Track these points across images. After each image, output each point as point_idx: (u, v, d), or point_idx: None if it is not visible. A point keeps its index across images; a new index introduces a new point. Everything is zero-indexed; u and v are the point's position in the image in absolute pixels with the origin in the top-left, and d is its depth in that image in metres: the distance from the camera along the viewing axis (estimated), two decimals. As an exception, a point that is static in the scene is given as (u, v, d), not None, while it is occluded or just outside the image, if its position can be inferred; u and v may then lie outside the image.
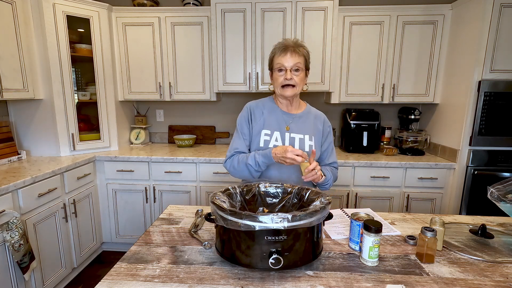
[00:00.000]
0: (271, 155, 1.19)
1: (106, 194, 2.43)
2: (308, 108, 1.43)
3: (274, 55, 1.28)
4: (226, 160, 1.35)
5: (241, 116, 1.38)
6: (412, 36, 2.38)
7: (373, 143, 2.55)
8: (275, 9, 2.33)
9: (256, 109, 1.36)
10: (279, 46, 1.27)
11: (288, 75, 1.23)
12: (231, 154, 1.34)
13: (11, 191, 1.63)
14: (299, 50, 1.24)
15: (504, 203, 1.01)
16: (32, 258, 1.69)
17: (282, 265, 0.78)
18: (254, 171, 1.26)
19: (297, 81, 1.24)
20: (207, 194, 2.40)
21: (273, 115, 1.35)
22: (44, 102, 2.24)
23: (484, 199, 2.14)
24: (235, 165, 1.30)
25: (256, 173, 1.28)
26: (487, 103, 2.05)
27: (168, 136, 3.03)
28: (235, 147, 1.34)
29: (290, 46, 1.24)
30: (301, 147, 1.31)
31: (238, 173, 1.31)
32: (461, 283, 0.82)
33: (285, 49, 1.23)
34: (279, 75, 1.26)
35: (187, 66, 2.55)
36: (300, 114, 1.37)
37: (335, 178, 1.38)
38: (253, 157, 1.24)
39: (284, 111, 1.36)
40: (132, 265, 0.89)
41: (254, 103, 1.40)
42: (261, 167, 1.24)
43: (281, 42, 1.28)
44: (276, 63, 1.25)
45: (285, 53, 1.23)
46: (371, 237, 0.87)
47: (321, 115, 1.44)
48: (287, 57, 1.23)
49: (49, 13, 2.13)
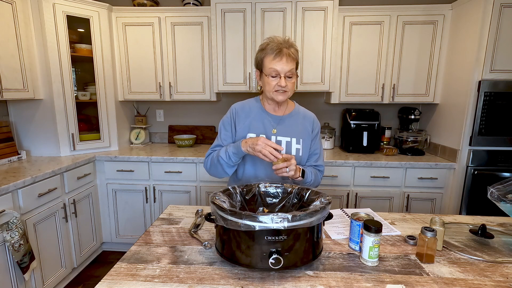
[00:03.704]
0: (241, 144, 1.13)
1: (106, 194, 2.43)
2: (296, 108, 1.36)
3: (265, 56, 1.18)
4: (205, 160, 1.31)
5: (224, 119, 1.32)
6: (412, 36, 2.38)
7: (373, 143, 2.55)
8: (275, 9, 2.33)
9: (241, 111, 1.30)
10: (271, 47, 1.16)
11: (282, 82, 1.16)
12: (209, 152, 1.30)
13: (11, 191, 1.63)
14: (293, 53, 1.17)
15: (504, 203, 1.01)
16: (32, 258, 1.69)
17: (282, 265, 0.78)
18: (225, 164, 1.19)
19: (290, 87, 1.20)
20: (207, 194, 2.40)
21: (259, 118, 1.29)
22: (44, 102, 2.24)
23: (484, 199, 2.14)
24: (209, 162, 1.26)
25: (229, 168, 1.21)
26: (487, 103, 2.05)
27: (168, 136, 3.03)
28: (215, 145, 1.30)
29: (283, 48, 1.15)
30: (288, 151, 1.26)
31: (214, 170, 1.26)
32: (461, 283, 0.82)
33: (279, 52, 1.15)
34: (272, 80, 1.19)
35: (187, 66, 2.55)
36: (288, 115, 1.31)
37: (317, 182, 1.31)
38: (224, 150, 1.19)
39: (270, 113, 1.30)
40: (132, 265, 0.89)
41: (240, 105, 1.33)
42: (232, 159, 1.17)
43: (273, 43, 1.17)
44: (269, 68, 1.17)
45: (279, 58, 1.15)
46: (371, 237, 0.87)
47: (310, 115, 1.36)
48: (282, 63, 1.15)
49: (49, 13, 2.13)
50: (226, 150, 1.19)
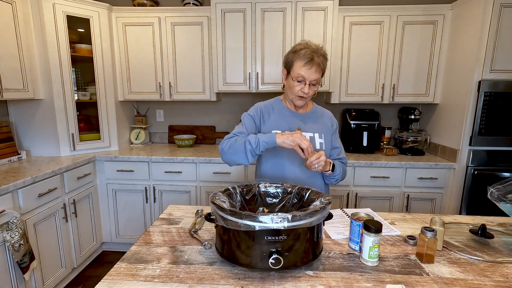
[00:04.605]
0: (275, 136, 1.14)
1: (106, 194, 2.43)
2: (315, 106, 1.43)
3: (296, 60, 1.22)
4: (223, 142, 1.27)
5: (250, 113, 1.35)
6: (412, 36, 2.38)
7: (373, 143, 2.55)
8: (275, 9, 2.33)
9: (265, 111, 1.36)
10: (304, 53, 1.20)
11: (306, 89, 1.22)
12: (230, 136, 1.28)
13: (11, 191, 1.63)
14: (322, 62, 1.21)
15: (504, 203, 1.01)
16: (32, 258, 1.69)
17: (282, 265, 0.78)
18: (251, 151, 1.16)
19: (311, 94, 1.26)
20: (207, 194, 2.40)
21: (283, 116, 1.35)
22: (44, 102, 2.24)
23: (484, 199, 2.14)
24: (228, 144, 1.22)
25: (251, 156, 1.18)
26: (487, 103, 2.05)
27: (168, 136, 3.03)
28: (238, 131, 1.28)
29: (315, 57, 1.19)
30: (312, 146, 1.29)
31: (231, 153, 1.21)
32: (461, 283, 0.82)
33: (310, 61, 1.19)
34: (296, 85, 1.24)
35: (187, 66, 2.55)
36: (309, 113, 1.38)
37: (344, 173, 1.37)
38: (255, 136, 1.18)
39: (292, 111, 1.36)
40: (132, 265, 0.89)
41: (263, 104, 1.38)
42: (260, 147, 1.15)
43: (308, 49, 1.21)
44: (297, 73, 1.21)
45: (310, 66, 1.19)
46: (371, 237, 0.87)
47: (327, 112, 1.44)
48: (311, 72, 1.20)
49: (49, 13, 2.13)
50: (257, 137, 1.17)
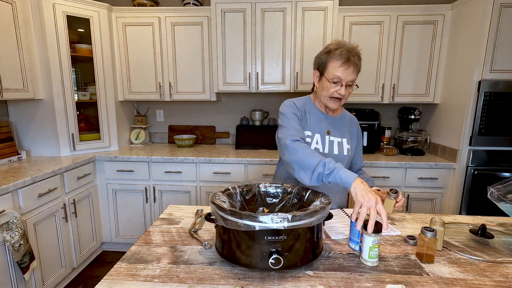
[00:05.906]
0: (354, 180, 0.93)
1: (106, 194, 2.43)
2: (344, 111, 1.38)
3: (331, 60, 1.14)
4: (290, 139, 1.11)
5: (292, 109, 1.23)
6: (412, 36, 2.38)
7: (373, 143, 2.55)
8: (275, 9, 2.33)
9: (304, 111, 1.27)
10: (340, 53, 1.12)
11: (343, 90, 1.15)
12: (294, 138, 1.11)
13: (11, 191, 1.63)
14: (359, 63, 1.14)
15: (504, 203, 1.01)
16: (32, 258, 1.69)
17: (282, 265, 0.78)
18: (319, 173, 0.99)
19: (346, 96, 1.18)
20: (207, 194, 2.40)
21: (315, 117, 1.28)
22: (44, 102, 2.24)
23: (484, 199, 2.14)
24: (304, 150, 1.05)
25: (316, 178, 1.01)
26: (487, 103, 2.05)
27: (168, 136, 3.03)
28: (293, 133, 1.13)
29: (351, 56, 1.12)
30: (340, 151, 1.27)
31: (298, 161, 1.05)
32: (461, 283, 0.82)
33: (347, 61, 1.11)
34: (331, 86, 1.16)
35: (187, 66, 2.55)
36: (339, 117, 1.33)
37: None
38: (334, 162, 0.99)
39: (324, 113, 1.30)
40: (132, 265, 0.89)
41: (301, 103, 1.27)
42: (331, 177, 0.98)
43: (343, 48, 1.13)
44: (333, 75, 1.14)
45: (347, 66, 1.12)
46: (371, 237, 0.87)
47: (354, 119, 1.39)
48: (349, 73, 1.12)
49: (49, 13, 2.13)
50: (336, 166, 0.98)
